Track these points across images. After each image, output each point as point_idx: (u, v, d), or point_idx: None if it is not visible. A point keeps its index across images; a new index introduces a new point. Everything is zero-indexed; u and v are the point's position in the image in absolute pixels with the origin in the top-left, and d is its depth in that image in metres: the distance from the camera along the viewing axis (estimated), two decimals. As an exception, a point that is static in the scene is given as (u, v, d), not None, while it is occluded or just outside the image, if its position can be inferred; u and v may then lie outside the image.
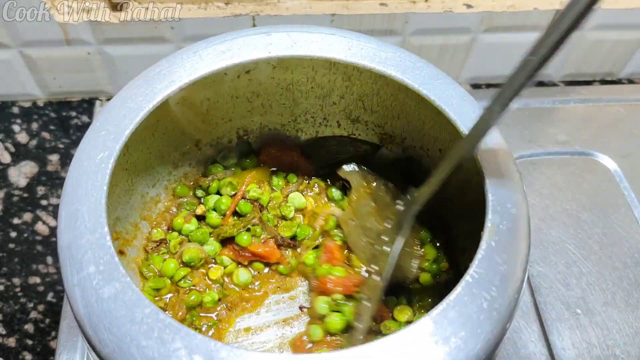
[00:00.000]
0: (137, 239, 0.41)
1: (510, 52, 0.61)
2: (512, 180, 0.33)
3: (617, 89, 0.65)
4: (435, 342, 0.27)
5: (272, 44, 0.37)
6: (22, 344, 0.48)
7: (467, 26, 0.57)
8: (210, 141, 0.44)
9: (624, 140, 0.58)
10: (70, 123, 0.59)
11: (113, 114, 0.34)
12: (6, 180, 0.56)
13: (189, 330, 0.26)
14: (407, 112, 0.40)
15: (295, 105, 0.43)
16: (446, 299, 0.28)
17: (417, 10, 0.55)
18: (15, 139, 0.58)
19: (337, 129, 0.45)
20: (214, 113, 0.41)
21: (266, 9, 0.54)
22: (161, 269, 0.40)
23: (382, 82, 0.38)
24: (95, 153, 0.32)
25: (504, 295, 0.28)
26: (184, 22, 0.53)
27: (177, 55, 0.37)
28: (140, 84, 0.35)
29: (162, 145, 0.40)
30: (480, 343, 0.27)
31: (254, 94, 0.41)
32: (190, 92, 0.37)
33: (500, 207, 0.31)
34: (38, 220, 0.54)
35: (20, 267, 0.51)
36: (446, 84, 0.36)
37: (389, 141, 0.43)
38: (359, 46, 0.38)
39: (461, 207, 0.39)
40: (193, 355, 0.26)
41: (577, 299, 0.47)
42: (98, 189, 0.31)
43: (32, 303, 0.50)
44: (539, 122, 0.58)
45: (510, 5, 0.56)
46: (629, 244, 0.50)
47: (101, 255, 0.28)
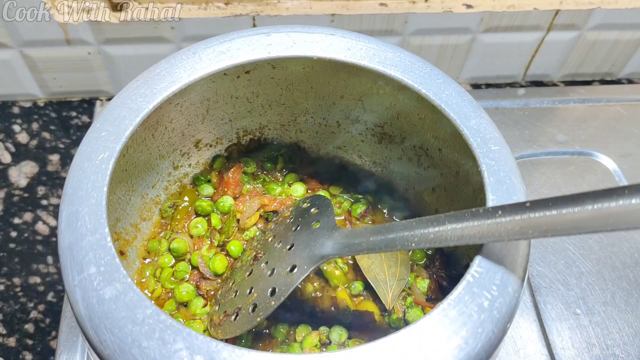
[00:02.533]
0: (137, 240, 0.41)
1: (510, 52, 0.61)
2: (512, 180, 0.33)
3: (616, 89, 0.65)
4: (436, 341, 0.27)
5: (272, 44, 0.37)
6: (22, 344, 0.48)
7: (467, 26, 0.57)
8: (210, 141, 0.44)
9: (624, 140, 0.58)
10: (71, 123, 0.60)
11: (113, 115, 0.34)
12: (6, 180, 0.56)
13: (190, 330, 0.26)
14: (407, 112, 0.40)
15: (294, 106, 0.43)
16: (447, 298, 0.28)
17: (416, 11, 0.55)
18: (15, 139, 0.58)
19: (337, 129, 0.45)
20: (213, 113, 0.41)
21: (266, 9, 0.54)
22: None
23: (381, 82, 0.38)
24: (95, 154, 0.32)
25: (505, 295, 0.28)
26: (184, 22, 0.53)
27: (176, 55, 0.37)
28: (140, 84, 0.35)
29: (162, 146, 0.40)
30: (481, 342, 0.27)
31: (253, 94, 0.41)
32: (190, 92, 0.37)
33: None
34: (38, 220, 0.54)
35: (20, 266, 0.51)
36: (446, 83, 0.36)
37: (389, 141, 0.43)
38: (358, 46, 0.38)
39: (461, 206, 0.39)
40: (194, 355, 0.26)
41: (577, 299, 0.47)
42: (98, 189, 0.31)
43: (32, 303, 0.50)
44: (539, 122, 0.58)
45: (510, 5, 0.56)
46: (629, 243, 0.50)
47: (102, 256, 0.28)
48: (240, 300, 0.36)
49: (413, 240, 0.30)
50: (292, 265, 0.35)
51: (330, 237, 0.35)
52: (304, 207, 0.40)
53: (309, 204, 0.40)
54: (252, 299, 0.35)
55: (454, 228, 0.28)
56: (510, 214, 0.26)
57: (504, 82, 0.65)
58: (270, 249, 0.38)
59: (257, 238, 0.42)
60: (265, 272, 0.37)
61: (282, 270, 0.35)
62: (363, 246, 0.33)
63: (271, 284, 0.35)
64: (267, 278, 0.36)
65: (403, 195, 0.45)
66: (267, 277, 0.36)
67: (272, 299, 0.34)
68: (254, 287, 0.36)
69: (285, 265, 0.36)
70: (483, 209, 0.28)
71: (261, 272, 0.37)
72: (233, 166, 0.45)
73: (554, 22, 0.58)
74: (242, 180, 0.45)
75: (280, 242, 0.38)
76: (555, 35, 0.60)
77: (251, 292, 0.36)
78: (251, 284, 0.37)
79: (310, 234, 0.37)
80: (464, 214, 0.28)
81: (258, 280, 0.37)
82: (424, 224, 0.30)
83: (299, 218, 0.39)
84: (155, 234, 0.42)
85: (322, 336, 0.38)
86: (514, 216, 0.26)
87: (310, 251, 0.35)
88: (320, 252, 0.35)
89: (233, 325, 0.36)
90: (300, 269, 0.35)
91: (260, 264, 0.38)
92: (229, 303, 0.37)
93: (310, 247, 0.35)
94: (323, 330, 0.39)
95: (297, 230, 0.38)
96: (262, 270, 0.37)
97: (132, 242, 0.40)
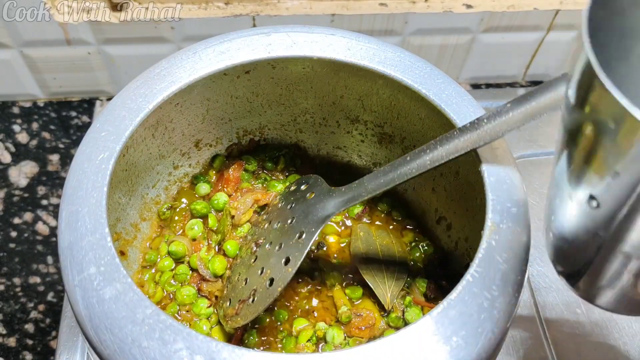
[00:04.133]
0: (137, 240, 0.41)
1: (510, 52, 0.61)
2: (512, 180, 0.33)
3: (616, 89, 0.65)
4: (436, 341, 0.27)
5: (272, 44, 0.37)
6: (22, 344, 0.48)
7: (467, 26, 0.57)
8: (210, 141, 0.44)
9: (624, 139, 0.58)
10: (71, 123, 0.60)
11: (113, 115, 0.34)
12: (6, 180, 0.56)
13: (190, 330, 0.26)
14: (407, 112, 0.40)
15: (294, 105, 0.43)
16: (447, 298, 0.28)
17: (416, 11, 0.55)
18: (15, 139, 0.58)
19: (337, 129, 0.45)
20: (213, 113, 0.41)
21: (266, 9, 0.54)
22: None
23: (381, 82, 0.38)
24: (95, 154, 0.32)
25: (505, 294, 0.28)
26: (184, 22, 0.53)
27: (176, 55, 0.37)
28: (140, 84, 0.35)
29: (162, 146, 0.40)
30: (482, 342, 0.27)
31: (253, 94, 0.41)
32: (190, 92, 0.37)
33: (500, 206, 0.31)
34: (38, 220, 0.54)
35: (20, 266, 0.51)
36: (446, 83, 0.36)
37: (389, 141, 0.43)
38: (358, 46, 0.38)
39: (461, 206, 0.39)
40: (194, 355, 0.26)
41: (577, 299, 0.47)
42: (98, 190, 0.31)
43: (32, 303, 0.50)
44: (539, 122, 0.58)
45: (510, 5, 0.56)
46: (629, 243, 0.50)
47: (102, 256, 0.28)
48: (253, 283, 0.37)
49: (411, 172, 0.33)
50: (299, 233, 0.36)
51: (329, 199, 0.37)
52: (292, 190, 0.40)
53: (295, 185, 0.41)
54: (267, 275, 0.36)
55: (446, 149, 0.32)
56: (494, 118, 0.31)
57: (504, 82, 0.65)
58: (270, 232, 0.39)
59: (250, 232, 0.42)
60: (272, 250, 0.37)
61: (290, 241, 0.36)
62: (363, 194, 0.35)
63: (283, 255, 0.36)
64: (277, 253, 0.36)
65: (402, 196, 0.45)
66: (276, 252, 0.37)
67: (288, 266, 0.35)
68: (264, 267, 0.37)
69: (292, 235, 0.36)
70: (470, 123, 0.32)
71: (267, 251, 0.37)
72: (233, 164, 0.45)
73: (554, 22, 0.58)
74: (242, 178, 0.45)
75: (278, 222, 0.39)
76: (555, 35, 0.60)
77: (263, 271, 0.36)
78: (261, 265, 0.37)
79: (307, 204, 0.38)
80: (452, 134, 0.32)
81: (267, 258, 0.37)
82: (418, 155, 0.33)
83: (291, 197, 0.40)
84: (156, 233, 0.42)
85: (318, 332, 0.38)
86: (497, 120, 0.31)
87: (313, 216, 0.36)
88: (323, 213, 0.36)
89: (252, 307, 0.36)
90: (308, 233, 0.35)
91: (264, 246, 0.38)
92: (240, 292, 0.37)
93: (312, 213, 0.36)
94: (320, 326, 0.39)
95: (293, 207, 0.38)
96: (268, 250, 0.37)
97: (132, 242, 0.40)
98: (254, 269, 0.37)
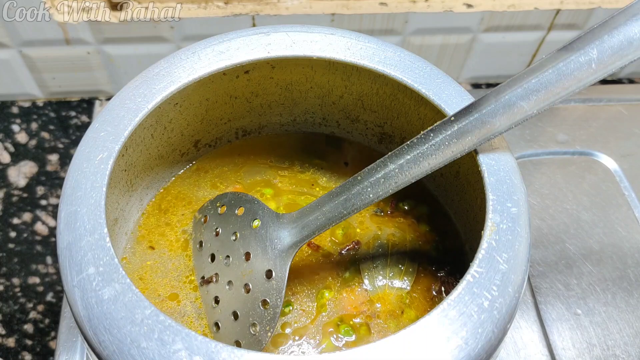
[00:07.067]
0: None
1: (510, 52, 0.61)
2: (512, 180, 0.32)
3: (617, 89, 0.65)
4: (436, 341, 0.27)
5: (271, 43, 0.37)
6: (22, 344, 0.48)
7: (467, 26, 0.57)
8: (210, 141, 0.44)
9: (624, 140, 0.58)
10: (70, 123, 0.59)
11: (112, 115, 0.34)
12: (5, 180, 0.56)
13: (189, 331, 0.26)
14: (407, 111, 0.39)
15: (294, 105, 0.43)
16: (447, 298, 0.28)
17: (417, 10, 0.55)
18: (14, 138, 0.58)
19: (337, 129, 0.45)
20: (212, 113, 0.41)
21: (266, 8, 0.54)
22: None
23: (381, 81, 0.38)
24: (94, 154, 0.32)
25: (505, 295, 0.28)
26: (183, 22, 0.53)
27: (176, 55, 0.37)
28: (139, 84, 0.35)
29: (162, 146, 0.40)
30: (482, 342, 0.27)
31: (253, 94, 0.41)
32: (189, 92, 0.37)
33: (500, 206, 0.31)
34: (37, 220, 0.54)
35: (19, 267, 0.51)
36: (446, 83, 0.36)
37: (389, 141, 0.43)
38: (358, 46, 0.38)
39: (461, 206, 0.39)
40: (194, 356, 0.25)
41: (577, 299, 0.47)
42: (97, 190, 0.31)
43: (31, 303, 0.50)
44: (539, 122, 0.58)
45: (510, 5, 0.56)
46: (629, 243, 0.50)
47: (101, 257, 0.28)
48: (234, 335, 0.34)
49: (369, 193, 0.31)
50: (266, 271, 0.34)
51: (281, 227, 0.34)
52: (225, 213, 0.38)
53: (224, 207, 0.38)
54: (249, 322, 0.34)
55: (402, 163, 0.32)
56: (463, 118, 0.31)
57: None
58: (223, 267, 0.36)
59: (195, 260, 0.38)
60: (238, 292, 0.34)
61: (258, 281, 0.34)
62: (321, 219, 0.32)
63: (258, 298, 0.33)
64: (246, 296, 0.34)
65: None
66: (245, 296, 0.34)
67: (269, 310, 0.33)
68: (237, 310, 0.34)
69: (259, 274, 0.34)
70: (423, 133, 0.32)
71: (232, 294, 0.34)
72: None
73: (555, 21, 0.58)
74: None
75: (227, 257, 0.36)
76: (555, 34, 0.60)
77: (237, 318, 0.34)
78: (232, 308, 0.34)
79: (257, 235, 0.35)
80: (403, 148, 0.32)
81: (233, 303, 0.34)
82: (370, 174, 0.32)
83: (229, 225, 0.37)
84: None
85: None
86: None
87: (272, 250, 0.34)
88: (282, 245, 0.34)
89: (250, 346, 0.33)
90: (278, 271, 0.33)
91: (220, 284, 0.35)
92: (227, 331, 0.35)
93: (269, 247, 0.34)
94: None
95: (240, 239, 0.36)
96: (232, 292, 0.34)
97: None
98: (225, 313, 0.34)
